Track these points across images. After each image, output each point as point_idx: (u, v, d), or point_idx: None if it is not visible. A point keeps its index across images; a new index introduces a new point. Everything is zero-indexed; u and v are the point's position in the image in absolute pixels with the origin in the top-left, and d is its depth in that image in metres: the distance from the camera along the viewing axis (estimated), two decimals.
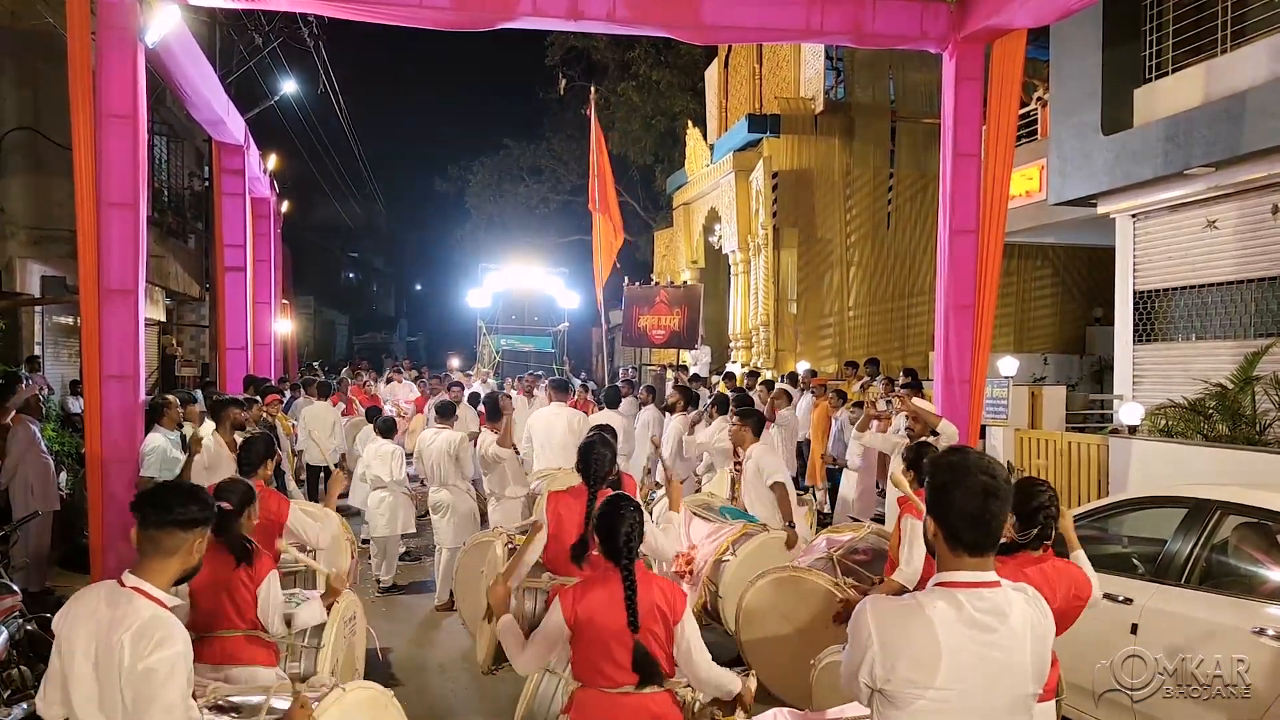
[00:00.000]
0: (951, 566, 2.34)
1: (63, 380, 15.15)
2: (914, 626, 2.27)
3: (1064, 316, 18.33)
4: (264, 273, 14.90)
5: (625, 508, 3.60)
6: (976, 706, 2.29)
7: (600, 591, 3.46)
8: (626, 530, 3.50)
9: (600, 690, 3.44)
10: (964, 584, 2.32)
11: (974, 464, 2.34)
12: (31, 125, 13.61)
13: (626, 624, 3.39)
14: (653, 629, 3.44)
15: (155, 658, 2.67)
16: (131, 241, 6.99)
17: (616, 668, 3.41)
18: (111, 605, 2.77)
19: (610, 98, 29.71)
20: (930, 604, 2.30)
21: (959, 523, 2.31)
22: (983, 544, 2.33)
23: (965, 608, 2.28)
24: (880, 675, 2.28)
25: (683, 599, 3.55)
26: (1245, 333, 10.14)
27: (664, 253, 26.47)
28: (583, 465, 4.85)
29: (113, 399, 6.90)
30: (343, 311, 52.96)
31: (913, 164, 18.88)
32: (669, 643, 3.48)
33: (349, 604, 5.05)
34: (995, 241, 8.25)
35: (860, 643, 2.33)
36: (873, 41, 8.98)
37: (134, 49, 7.04)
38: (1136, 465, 8.64)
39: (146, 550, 2.85)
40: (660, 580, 3.62)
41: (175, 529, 2.84)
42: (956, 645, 2.25)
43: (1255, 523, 4.96)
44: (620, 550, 3.49)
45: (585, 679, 3.49)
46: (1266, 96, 9.05)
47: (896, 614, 2.32)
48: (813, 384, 13.25)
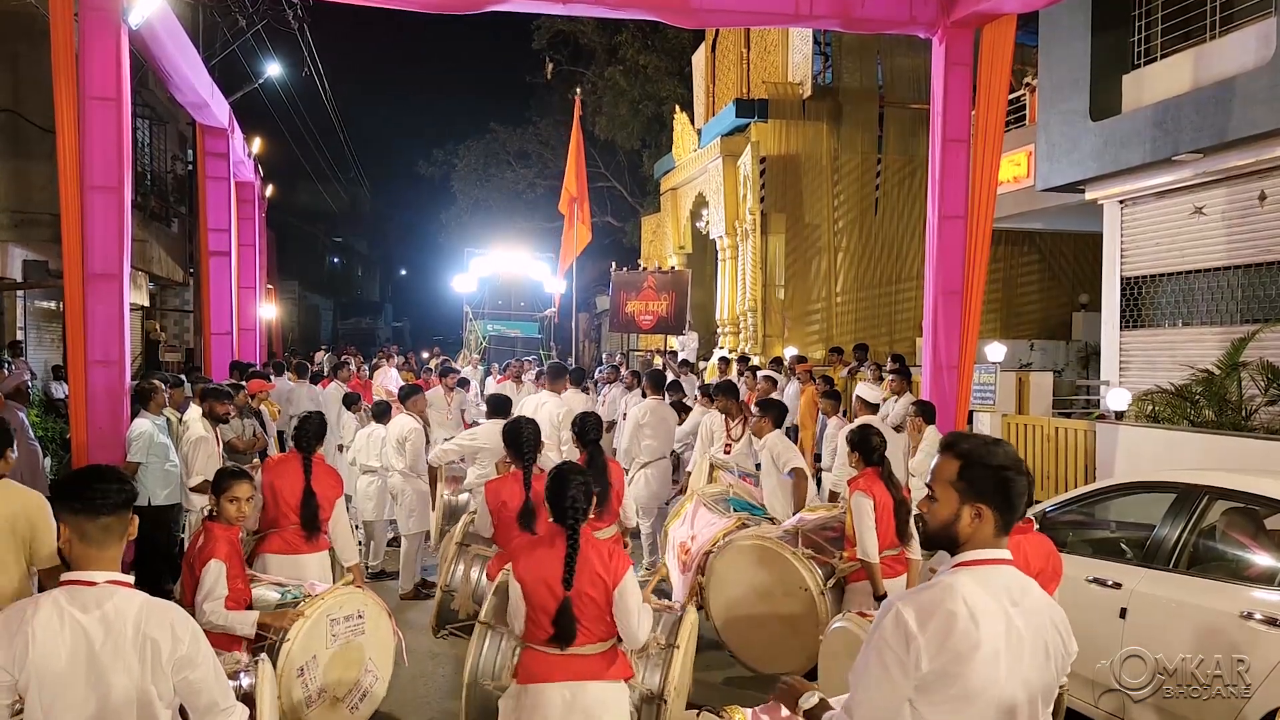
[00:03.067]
0: (977, 545, 2.39)
1: (45, 365, 15.03)
2: (953, 607, 2.28)
3: (1050, 302, 18.40)
4: (248, 257, 14.81)
5: (571, 474, 3.79)
6: (1015, 675, 2.29)
7: (544, 551, 3.67)
8: (572, 494, 3.68)
9: (538, 649, 3.64)
10: (987, 561, 2.37)
11: (1014, 451, 2.46)
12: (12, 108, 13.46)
13: (560, 581, 3.56)
14: (588, 592, 3.60)
15: (190, 635, 2.67)
16: (115, 225, 6.93)
17: (546, 620, 3.59)
18: (89, 608, 2.61)
19: (597, 82, 29.59)
20: (960, 584, 2.33)
21: (1018, 505, 2.41)
22: (1016, 521, 2.45)
23: (992, 583, 2.34)
24: (928, 665, 2.25)
25: (624, 565, 3.71)
26: (1232, 319, 10.19)
27: (651, 238, 26.42)
28: (514, 446, 5.20)
29: (98, 384, 6.86)
30: (327, 297, 52.66)
31: (900, 149, 18.87)
32: (607, 606, 3.63)
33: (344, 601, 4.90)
34: (984, 227, 8.27)
35: (897, 644, 2.27)
36: (861, 26, 8.98)
37: (117, 31, 6.96)
38: (1123, 451, 8.69)
39: (100, 539, 2.69)
40: (602, 545, 3.77)
41: (121, 511, 2.74)
42: (991, 617, 2.28)
43: (1243, 507, 4.97)
44: (566, 512, 3.68)
45: (527, 638, 3.68)
46: (1254, 82, 9.06)
47: (932, 603, 2.30)
48: (799, 370, 13.25)
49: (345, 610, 4.88)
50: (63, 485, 2.79)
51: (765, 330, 18.56)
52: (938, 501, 2.43)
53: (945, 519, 2.42)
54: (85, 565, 2.69)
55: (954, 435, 2.54)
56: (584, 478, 3.80)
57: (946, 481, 2.42)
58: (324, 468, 5.66)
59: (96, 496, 2.70)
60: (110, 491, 2.72)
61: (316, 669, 4.63)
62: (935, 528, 2.45)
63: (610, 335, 28.53)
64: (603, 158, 32.81)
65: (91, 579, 2.66)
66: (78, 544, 2.70)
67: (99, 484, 2.73)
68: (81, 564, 2.70)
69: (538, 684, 3.61)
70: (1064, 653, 2.39)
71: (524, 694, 3.64)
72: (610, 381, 13.81)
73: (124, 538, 2.77)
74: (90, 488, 2.72)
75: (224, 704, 2.78)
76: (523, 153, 35.14)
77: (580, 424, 6.07)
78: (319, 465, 5.59)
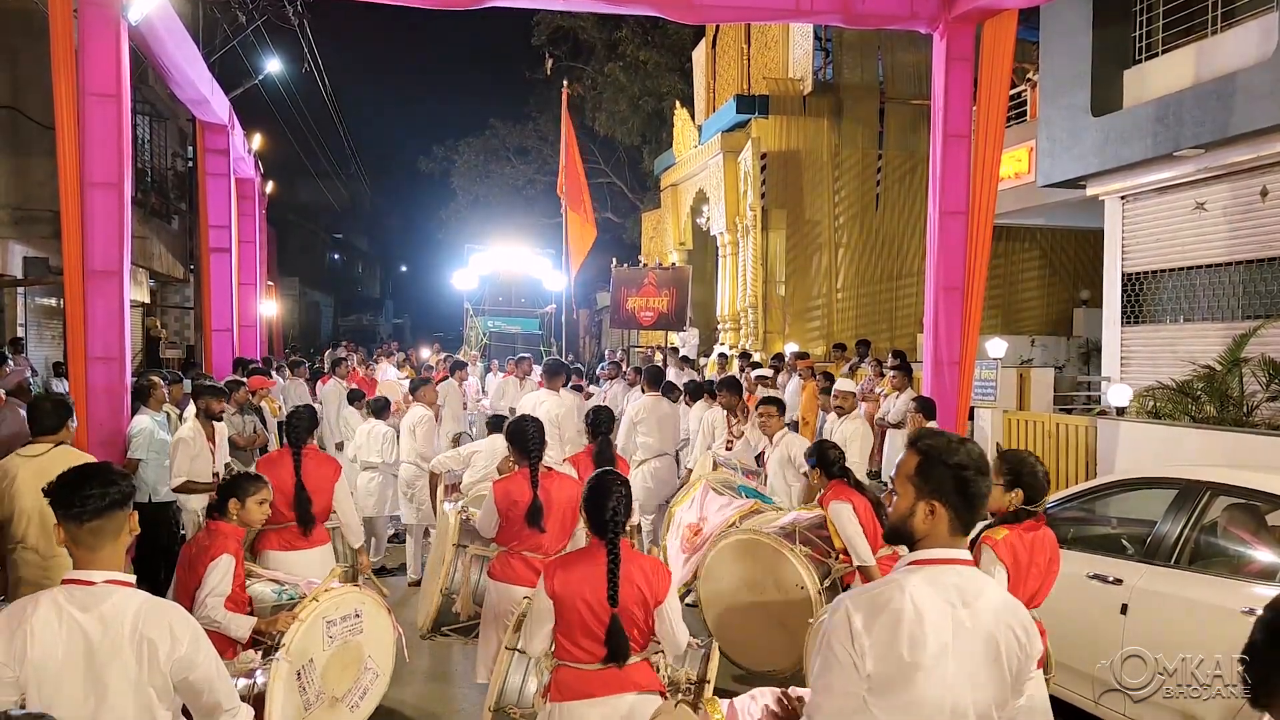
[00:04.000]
0: (933, 544, 2.37)
1: (46, 362, 15.03)
2: (899, 606, 2.26)
3: (1051, 298, 18.39)
4: (249, 254, 14.78)
5: (613, 483, 3.63)
6: (965, 677, 2.27)
7: (583, 566, 3.50)
8: (614, 505, 3.54)
9: (577, 667, 3.48)
10: (940, 560, 2.35)
11: (979, 452, 2.42)
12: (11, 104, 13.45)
13: (606, 598, 3.42)
14: (631, 609, 3.47)
15: (189, 636, 2.65)
16: (115, 222, 6.91)
17: (593, 642, 3.45)
18: (87, 608, 2.60)
19: (597, 78, 29.55)
20: (909, 583, 2.30)
21: (976, 505, 2.39)
22: (976, 522, 2.43)
23: (942, 582, 2.31)
24: (873, 665, 2.24)
25: (667, 580, 3.59)
26: (1233, 314, 10.18)
27: (652, 234, 26.39)
28: (519, 444, 5.05)
29: (98, 381, 6.83)
30: (327, 293, 52.64)
31: (901, 145, 18.84)
32: (647, 622, 3.52)
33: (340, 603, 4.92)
34: (985, 223, 8.24)
35: (843, 643, 2.26)
36: (862, 22, 8.93)
37: (117, 27, 6.93)
38: (1124, 447, 8.67)
39: (91, 542, 2.67)
40: (646, 560, 3.65)
41: (116, 510, 2.70)
42: (938, 617, 2.26)
43: (1245, 503, 4.97)
44: (607, 524, 3.53)
45: (563, 656, 3.52)
46: (1256, 78, 9.04)
47: (878, 602, 2.29)
48: (800, 366, 13.24)
49: (342, 611, 4.82)
50: (52, 488, 2.72)
51: (766, 326, 18.55)
52: (898, 495, 2.44)
53: (901, 513, 2.42)
54: (83, 565, 2.68)
55: (921, 431, 2.52)
56: (625, 488, 3.66)
57: (905, 476, 2.42)
58: (316, 458, 5.62)
59: (75, 503, 2.66)
60: (92, 496, 2.66)
61: (314, 672, 4.60)
62: (893, 521, 2.46)
63: (611, 331, 28.50)
64: (603, 154, 32.78)
65: (90, 579, 2.65)
66: (72, 545, 2.68)
67: (82, 488, 2.68)
68: (80, 564, 2.69)
69: (575, 701, 3.47)
70: (1020, 655, 2.33)
71: (559, 713, 3.50)
72: (612, 378, 13.82)
73: (120, 537, 2.73)
74: (73, 493, 2.68)
75: (227, 705, 2.76)
76: (522, 149, 35.11)
77: (593, 416, 6.25)
78: (311, 457, 5.56)
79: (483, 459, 7.21)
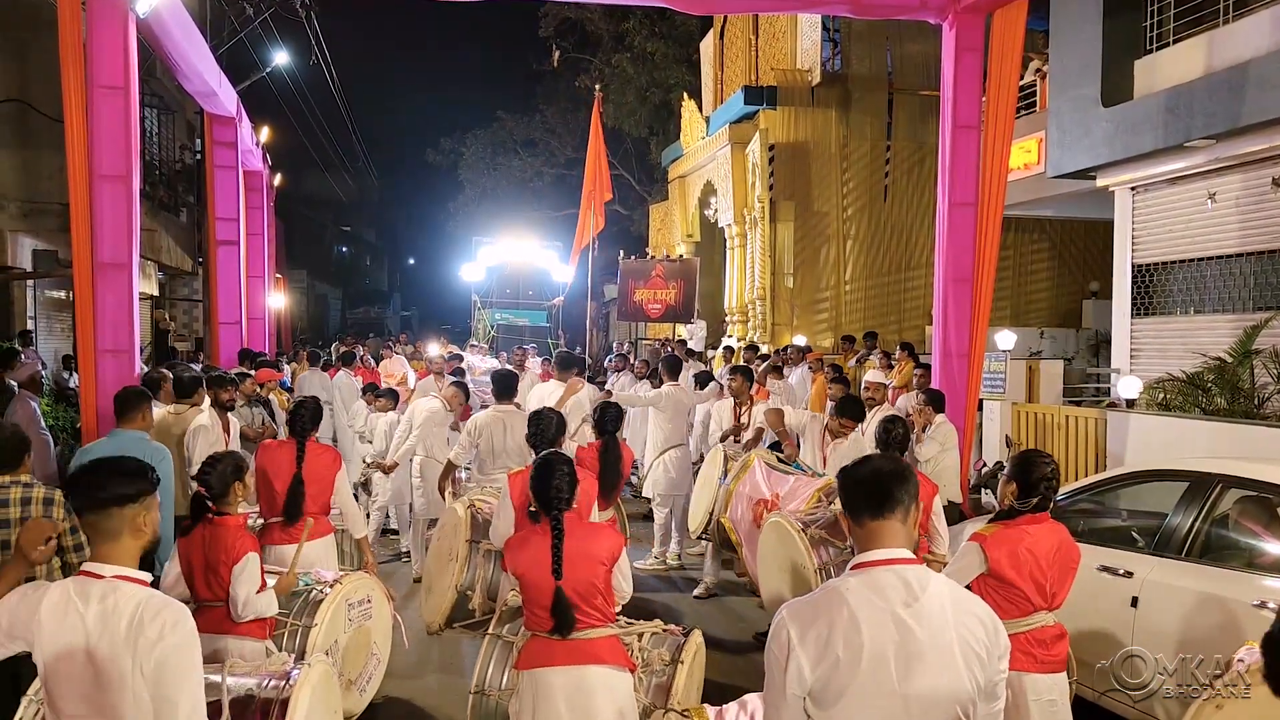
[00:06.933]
0: (869, 548, 2.40)
1: (55, 355, 15.07)
2: (833, 614, 2.28)
3: (1061, 290, 18.32)
4: (257, 246, 14.82)
5: (557, 463, 3.82)
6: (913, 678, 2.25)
7: (534, 541, 3.67)
8: (557, 483, 3.72)
9: (539, 636, 3.66)
10: (879, 562, 2.37)
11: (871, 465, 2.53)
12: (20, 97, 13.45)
13: (550, 571, 3.57)
14: (588, 580, 3.63)
15: (174, 640, 2.56)
16: (124, 215, 6.93)
17: (545, 613, 3.61)
18: (91, 601, 2.59)
19: (604, 70, 29.48)
20: (848, 588, 2.33)
21: (868, 504, 2.42)
22: (879, 510, 2.40)
23: (881, 584, 2.32)
24: (810, 676, 2.24)
25: (619, 543, 3.77)
26: (1244, 306, 10.12)
27: (659, 226, 26.35)
28: (537, 436, 5.26)
29: (108, 374, 6.87)
30: (335, 286, 52.69)
31: (910, 136, 18.79)
32: (608, 588, 3.69)
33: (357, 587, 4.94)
34: (994, 215, 8.21)
35: (781, 652, 2.29)
36: (871, 12, 8.92)
37: (125, 20, 6.95)
38: (1134, 439, 8.64)
39: (97, 535, 2.67)
40: (594, 526, 3.85)
41: (112, 507, 2.66)
42: (877, 620, 2.26)
43: (1256, 496, 4.95)
44: (550, 501, 3.70)
45: (530, 625, 3.73)
46: (1268, 67, 8.97)
47: (813, 611, 2.32)
48: (809, 359, 13.21)
49: (359, 595, 4.93)
50: (69, 477, 2.77)
51: (774, 319, 18.52)
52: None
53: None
54: (98, 557, 2.68)
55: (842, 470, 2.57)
56: (569, 467, 3.83)
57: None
58: (318, 449, 5.60)
59: (81, 493, 2.67)
60: (98, 485, 2.66)
61: (338, 654, 4.65)
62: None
63: (618, 324, 28.47)
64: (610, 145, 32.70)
65: (100, 572, 2.65)
66: (88, 535, 2.69)
67: (91, 478, 2.68)
68: (95, 555, 2.69)
69: (539, 669, 3.62)
70: (986, 646, 2.31)
71: (526, 680, 3.65)
72: (619, 370, 13.81)
73: (132, 533, 2.70)
74: (79, 483, 2.69)
75: None
76: (530, 141, 35.05)
77: (600, 413, 6.17)
78: (312, 449, 5.53)
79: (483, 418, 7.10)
